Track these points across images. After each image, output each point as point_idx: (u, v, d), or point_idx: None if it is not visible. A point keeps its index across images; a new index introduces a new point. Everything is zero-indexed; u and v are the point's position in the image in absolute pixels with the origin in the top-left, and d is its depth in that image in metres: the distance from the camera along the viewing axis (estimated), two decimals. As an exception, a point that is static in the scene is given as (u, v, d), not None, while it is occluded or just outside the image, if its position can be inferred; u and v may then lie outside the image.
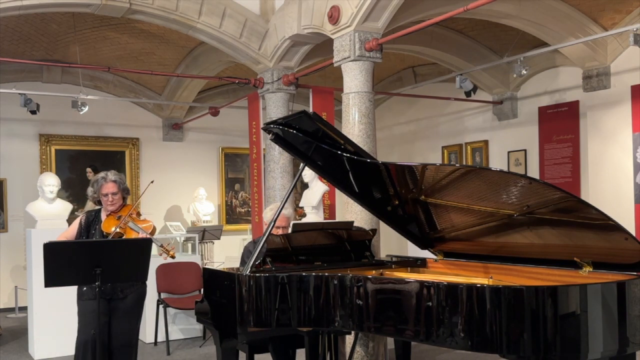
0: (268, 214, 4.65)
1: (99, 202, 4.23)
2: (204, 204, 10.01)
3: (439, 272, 4.02)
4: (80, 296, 4.13)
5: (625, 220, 6.49)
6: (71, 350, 6.32)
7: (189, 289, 6.73)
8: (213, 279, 3.93)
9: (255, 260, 3.64)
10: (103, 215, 4.20)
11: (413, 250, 4.61)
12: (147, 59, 8.98)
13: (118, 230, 4.04)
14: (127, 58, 8.92)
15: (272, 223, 3.83)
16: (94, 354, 3.97)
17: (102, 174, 4.19)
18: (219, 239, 9.62)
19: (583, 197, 5.84)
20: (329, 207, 6.91)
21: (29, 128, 9.30)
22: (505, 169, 8.32)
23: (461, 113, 9.64)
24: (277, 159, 7.19)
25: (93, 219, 4.21)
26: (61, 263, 3.56)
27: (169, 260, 4.43)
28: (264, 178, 7.51)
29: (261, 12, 7.25)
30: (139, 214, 4.26)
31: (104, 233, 4.08)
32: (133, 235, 4.04)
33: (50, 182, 6.62)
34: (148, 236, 4.01)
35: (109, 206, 4.14)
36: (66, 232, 4.25)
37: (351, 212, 5.46)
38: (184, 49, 8.73)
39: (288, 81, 7.17)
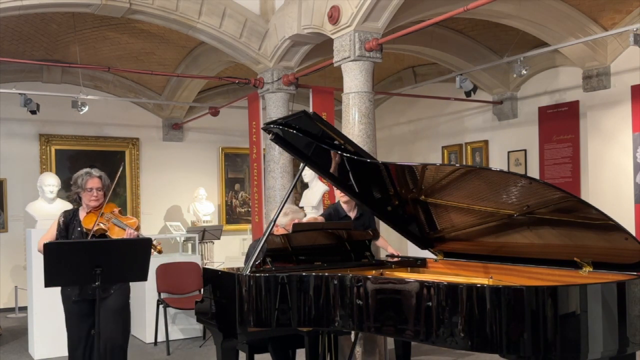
0: (284, 219, 4.53)
1: (77, 201, 4.17)
2: (204, 204, 10.01)
3: (439, 272, 4.02)
4: (66, 299, 4.07)
5: (625, 220, 6.49)
6: (71, 351, 6.30)
7: (189, 289, 6.73)
8: (213, 278, 3.93)
9: (255, 260, 3.64)
10: (82, 214, 4.13)
11: (413, 250, 4.61)
12: (147, 59, 8.98)
13: (101, 226, 3.99)
14: (127, 58, 8.92)
15: (272, 223, 3.84)
16: (87, 355, 3.96)
17: (85, 170, 4.14)
18: (219, 239, 9.62)
19: (583, 197, 5.84)
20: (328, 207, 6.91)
21: (29, 128, 9.30)
22: (505, 169, 8.32)
23: (461, 113, 9.64)
24: (277, 159, 7.19)
25: (71, 219, 4.13)
26: (61, 263, 3.55)
27: (156, 256, 4.36)
28: (264, 178, 7.51)
29: (261, 12, 7.26)
30: (121, 212, 4.22)
31: (84, 229, 4.02)
32: (118, 232, 3.99)
33: (50, 182, 6.62)
34: (133, 232, 3.97)
35: (92, 202, 4.06)
36: (45, 234, 4.16)
37: (351, 212, 5.45)
38: (184, 49, 8.73)
39: (288, 81, 7.17)
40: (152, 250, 4.06)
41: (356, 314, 3.33)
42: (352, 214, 4.89)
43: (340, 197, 4.85)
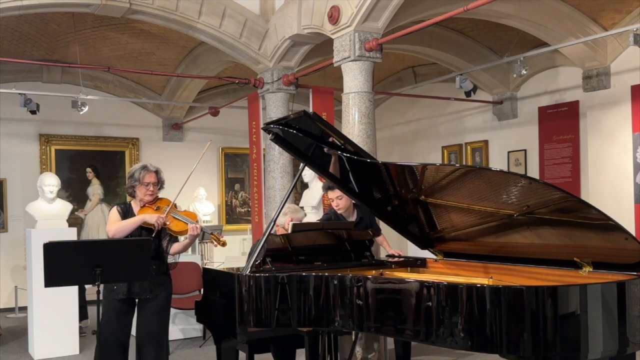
0: (283, 218, 4.58)
1: (132, 194, 4.19)
2: (204, 204, 10.00)
3: (439, 272, 4.02)
4: (110, 296, 4.06)
5: (625, 220, 6.49)
6: (71, 350, 6.34)
7: (189, 289, 6.72)
8: (213, 279, 3.94)
9: (255, 260, 3.65)
10: (136, 208, 4.17)
11: (413, 250, 4.61)
12: (147, 59, 8.98)
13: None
14: (127, 58, 8.92)
15: (272, 223, 3.84)
16: (114, 350, 3.97)
17: (141, 164, 4.20)
18: (218, 239, 9.61)
19: (583, 197, 5.84)
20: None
21: (29, 128, 9.30)
22: (505, 169, 8.32)
23: (461, 113, 9.64)
24: (277, 159, 7.19)
25: (127, 212, 4.16)
26: (61, 263, 3.55)
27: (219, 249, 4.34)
28: (264, 178, 7.51)
29: (261, 12, 7.26)
30: (176, 206, 4.23)
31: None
32: (179, 225, 4.03)
33: (50, 182, 6.61)
34: (196, 225, 4.00)
35: (147, 196, 4.11)
36: (111, 222, 4.11)
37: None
38: (184, 49, 8.73)
39: (288, 81, 7.17)
40: (216, 244, 4.05)
41: (356, 314, 3.33)
42: (352, 219, 4.88)
43: (335, 207, 4.83)
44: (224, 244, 4.08)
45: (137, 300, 4.10)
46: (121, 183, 9.88)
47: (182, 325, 6.82)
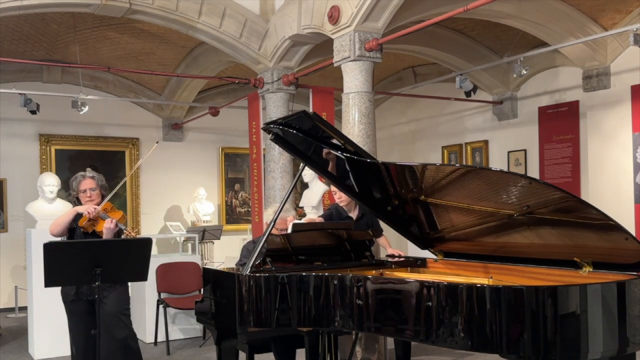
0: (270, 216, 4.62)
1: (77, 201, 4.27)
2: (204, 204, 10.01)
3: (439, 272, 4.02)
4: (65, 298, 4.14)
5: (625, 220, 6.49)
6: (71, 351, 6.30)
7: (189, 289, 6.73)
8: (213, 278, 3.94)
9: (255, 260, 3.64)
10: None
11: (413, 250, 4.61)
12: (147, 59, 8.98)
13: (92, 222, 4.10)
14: (127, 58, 8.92)
15: (272, 223, 3.84)
16: (90, 353, 3.97)
17: (80, 173, 4.30)
18: (219, 239, 9.62)
19: (583, 197, 5.84)
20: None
21: (29, 128, 9.30)
22: (505, 169, 8.32)
23: (461, 113, 9.64)
24: (277, 159, 7.19)
25: (76, 217, 4.23)
26: (61, 263, 3.55)
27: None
28: (264, 178, 7.51)
29: (261, 12, 7.26)
30: (113, 208, 4.30)
31: (81, 228, 4.14)
32: (103, 224, 4.09)
33: (50, 182, 6.61)
34: (112, 221, 4.04)
35: (87, 202, 4.17)
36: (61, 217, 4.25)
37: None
38: (184, 49, 8.73)
39: (288, 81, 7.17)
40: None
41: (356, 314, 3.33)
42: (354, 215, 4.88)
43: (338, 200, 4.84)
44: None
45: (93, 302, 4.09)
46: (121, 183, 9.89)
47: (182, 325, 6.82)
